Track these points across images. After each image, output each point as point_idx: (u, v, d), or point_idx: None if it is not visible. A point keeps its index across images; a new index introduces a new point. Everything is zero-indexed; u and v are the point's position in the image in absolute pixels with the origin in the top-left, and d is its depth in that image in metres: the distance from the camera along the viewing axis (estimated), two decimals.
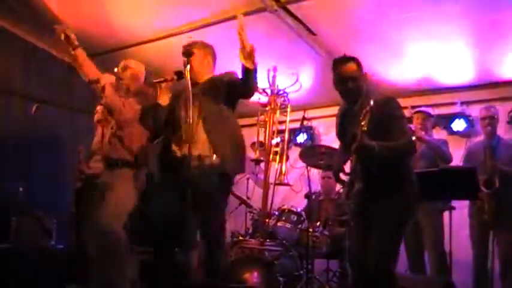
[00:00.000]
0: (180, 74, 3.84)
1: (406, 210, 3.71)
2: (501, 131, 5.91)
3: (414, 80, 6.84)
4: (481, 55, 6.10)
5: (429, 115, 5.78)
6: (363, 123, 3.31)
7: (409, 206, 3.72)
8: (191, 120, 3.76)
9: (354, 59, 3.82)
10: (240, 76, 3.92)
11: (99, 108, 4.78)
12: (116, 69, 4.68)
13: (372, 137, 3.38)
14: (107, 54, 6.67)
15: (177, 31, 6.08)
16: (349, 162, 3.93)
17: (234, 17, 5.54)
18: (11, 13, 6.08)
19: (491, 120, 5.53)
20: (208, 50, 4.27)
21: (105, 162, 4.58)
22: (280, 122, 6.72)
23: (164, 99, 4.04)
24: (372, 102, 3.33)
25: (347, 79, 3.76)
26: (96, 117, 4.79)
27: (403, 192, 3.65)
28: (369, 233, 3.63)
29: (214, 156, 3.94)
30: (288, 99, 6.39)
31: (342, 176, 3.92)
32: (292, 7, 5.48)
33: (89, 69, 4.76)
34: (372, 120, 3.32)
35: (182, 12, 5.80)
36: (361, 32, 5.85)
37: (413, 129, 5.43)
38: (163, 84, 3.99)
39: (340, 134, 4.02)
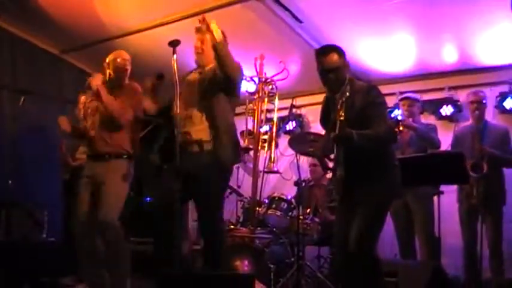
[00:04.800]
0: (160, 76, 3.99)
1: (388, 196, 3.77)
2: (489, 115, 5.94)
3: (402, 67, 6.87)
4: (468, 40, 6.13)
5: (415, 100, 5.79)
6: (340, 113, 3.34)
7: (391, 192, 3.77)
8: (178, 110, 3.80)
9: (335, 49, 3.82)
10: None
11: (82, 101, 4.78)
12: (104, 63, 4.70)
13: (354, 124, 3.45)
14: (94, 45, 6.66)
15: (165, 21, 6.06)
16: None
17: (222, 6, 5.62)
18: None
19: (479, 105, 5.55)
20: None
21: (94, 156, 4.60)
22: (269, 110, 6.73)
23: (151, 106, 4.12)
24: (347, 93, 3.38)
25: (328, 71, 3.77)
26: (80, 111, 4.80)
27: (385, 179, 3.69)
28: (352, 218, 3.67)
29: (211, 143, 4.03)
30: (276, 87, 6.39)
31: (327, 162, 3.94)
32: None
33: None
34: (353, 109, 3.42)
35: (170, 1, 5.78)
36: (348, 19, 5.84)
37: (400, 117, 5.44)
38: (146, 94, 4.07)
39: (324, 122, 4.05)
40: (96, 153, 4.60)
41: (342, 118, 3.35)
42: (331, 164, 3.91)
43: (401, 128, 5.19)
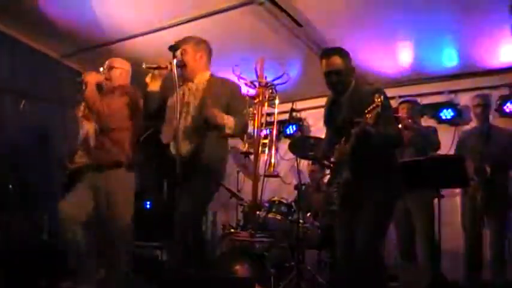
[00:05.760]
0: (177, 64, 3.84)
1: (392, 199, 3.78)
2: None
3: (402, 70, 6.88)
4: (468, 44, 6.13)
5: (415, 104, 5.80)
6: (369, 116, 3.35)
7: (395, 194, 3.80)
8: (178, 117, 3.78)
9: (339, 52, 3.85)
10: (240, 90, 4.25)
11: (83, 103, 4.79)
12: (101, 69, 4.68)
13: None
14: (94, 49, 6.67)
15: (165, 25, 6.06)
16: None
17: (222, 10, 5.63)
18: None
19: (484, 108, 5.56)
20: (202, 45, 4.26)
21: (96, 167, 4.57)
22: (269, 114, 6.73)
23: (155, 85, 4.04)
24: (381, 99, 3.37)
25: (330, 73, 3.80)
26: (81, 112, 4.80)
27: (389, 181, 3.70)
28: (356, 220, 3.67)
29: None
30: (276, 91, 6.39)
31: (327, 163, 3.94)
32: None
33: None
34: (361, 112, 3.39)
35: (170, 5, 5.77)
36: (348, 23, 5.85)
37: (400, 117, 5.45)
38: (156, 71, 3.98)
39: (328, 122, 4.06)
40: (95, 163, 4.58)
41: (370, 122, 3.37)
42: (330, 164, 3.91)
43: (400, 126, 5.23)
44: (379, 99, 3.39)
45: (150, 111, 4.18)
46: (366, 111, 3.39)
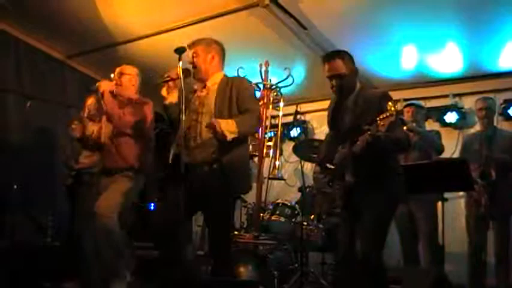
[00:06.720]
0: (187, 72, 3.82)
1: (393, 202, 3.78)
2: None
3: (406, 73, 6.88)
4: (473, 47, 6.13)
5: (420, 107, 5.79)
6: (381, 124, 3.36)
7: (396, 198, 3.79)
8: (183, 124, 3.75)
9: (340, 55, 3.84)
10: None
11: (89, 103, 4.81)
12: (112, 76, 4.72)
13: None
14: (99, 51, 6.68)
15: (170, 27, 6.08)
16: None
17: (227, 12, 5.64)
18: (1, 11, 6.05)
19: (487, 111, 5.54)
20: (213, 46, 4.15)
21: (103, 172, 4.62)
22: (274, 117, 6.74)
23: (173, 97, 3.99)
24: (396, 107, 3.37)
25: (332, 76, 3.80)
26: (87, 112, 4.82)
27: (391, 185, 3.70)
28: (357, 222, 3.68)
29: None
30: (281, 93, 6.40)
31: (328, 165, 3.93)
32: (283, 2, 5.47)
33: None
34: (367, 116, 3.41)
35: (175, 8, 5.78)
36: (352, 26, 5.86)
37: (405, 121, 5.45)
38: (170, 83, 3.95)
39: (332, 125, 4.06)
40: (105, 168, 4.63)
41: (382, 130, 3.38)
42: (330, 166, 3.91)
43: (404, 128, 5.23)
44: (393, 108, 3.37)
45: (173, 121, 4.11)
46: (379, 119, 3.38)
